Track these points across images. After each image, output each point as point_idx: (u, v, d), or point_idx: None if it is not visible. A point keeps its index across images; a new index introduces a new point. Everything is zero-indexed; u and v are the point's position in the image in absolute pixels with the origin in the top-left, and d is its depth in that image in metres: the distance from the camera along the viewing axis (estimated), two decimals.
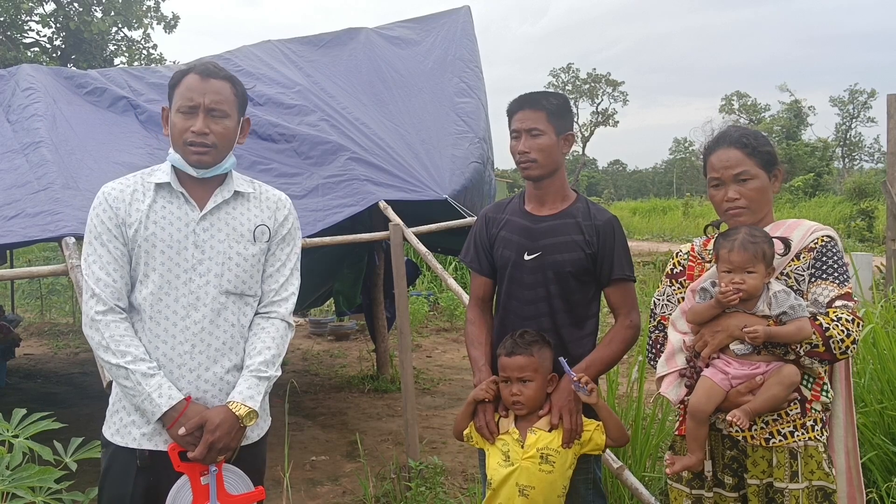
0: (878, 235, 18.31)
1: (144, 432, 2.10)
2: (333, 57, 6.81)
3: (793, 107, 47.84)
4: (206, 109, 2.13)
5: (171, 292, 2.13)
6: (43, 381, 7.96)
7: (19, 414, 2.38)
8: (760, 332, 2.07)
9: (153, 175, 2.22)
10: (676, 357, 2.30)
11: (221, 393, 2.17)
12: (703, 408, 2.17)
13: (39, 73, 5.88)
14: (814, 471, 2.13)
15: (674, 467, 2.26)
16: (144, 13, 21.03)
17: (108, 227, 2.12)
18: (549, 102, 2.55)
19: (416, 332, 10.04)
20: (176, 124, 2.14)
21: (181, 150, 2.15)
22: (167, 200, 2.18)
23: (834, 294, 2.11)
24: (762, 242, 2.12)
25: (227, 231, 2.21)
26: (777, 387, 2.09)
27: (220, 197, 2.22)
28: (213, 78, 2.15)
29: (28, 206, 4.24)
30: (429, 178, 5.40)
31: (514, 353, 2.41)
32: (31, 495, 2.25)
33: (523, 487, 2.34)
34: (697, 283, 2.27)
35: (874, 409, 3.56)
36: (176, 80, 2.18)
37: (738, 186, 2.22)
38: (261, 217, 2.28)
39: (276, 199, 2.35)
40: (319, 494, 4.52)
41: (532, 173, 2.56)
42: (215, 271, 2.17)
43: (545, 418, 2.40)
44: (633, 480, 3.13)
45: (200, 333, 2.14)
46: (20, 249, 12.66)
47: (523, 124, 2.54)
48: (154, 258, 2.12)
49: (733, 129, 2.31)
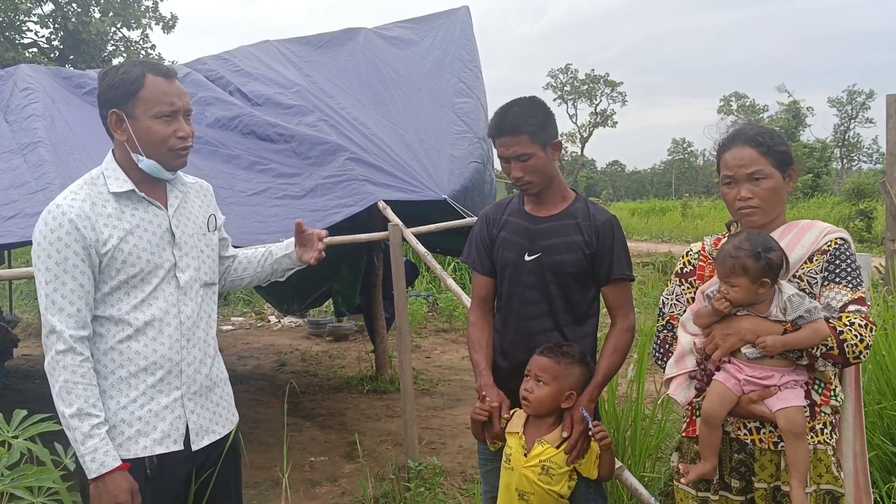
0: (877, 236, 18.31)
1: (154, 438, 2.09)
2: (332, 57, 6.81)
3: (791, 107, 47.93)
4: (185, 112, 2.13)
5: (159, 295, 2.12)
6: (41, 382, 7.94)
7: (20, 415, 2.37)
8: (770, 343, 2.04)
9: (100, 184, 2.10)
10: (686, 359, 2.27)
11: (212, 383, 2.23)
12: (717, 413, 2.14)
13: (37, 73, 5.88)
14: (822, 474, 2.11)
15: (689, 477, 2.21)
16: (143, 13, 21.03)
17: (73, 250, 1.99)
18: (528, 124, 2.46)
19: (415, 332, 10.03)
20: (156, 131, 2.06)
21: (162, 156, 2.10)
22: (132, 208, 2.11)
23: (847, 298, 2.08)
24: (745, 256, 2.06)
25: (191, 225, 2.24)
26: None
27: (180, 192, 2.24)
28: (174, 77, 2.13)
29: (26, 206, 4.24)
30: (428, 178, 5.39)
31: (544, 353, 2.43)
32: (29, 496, 2.25)
33: (522, 492, 2.37)
34: (707, 286, 2.24)
35: (873, 409, 3.55)
36: (135, 83, 2.05)
37: (751, 185, 2.17)
38: (205, 207, 2.34)
39: (207, 187, 2.41)
40: (318, 495, 4.51)
41: (531, 191, 2.57)
42: (193, 265, 2.21)
43: (555, 432, 2.41)
44: (632, 481, 3.12)
45: (192, 328, 2.17)
46: (18, 250, 12.65)
47: (509, 151, 2.50)
48: (138, 268, 2.09)
49: (748, 127, 2.26)
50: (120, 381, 2.09)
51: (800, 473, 2.05)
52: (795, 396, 2.08)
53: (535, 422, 2.45)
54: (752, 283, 2.07)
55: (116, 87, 2.07)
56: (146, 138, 2.07)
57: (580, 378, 2.44)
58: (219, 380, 2.28)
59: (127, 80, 2.06)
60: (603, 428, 2.38)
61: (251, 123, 5.66)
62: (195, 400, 2.17)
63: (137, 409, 2.08)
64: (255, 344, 9.93)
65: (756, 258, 2.05)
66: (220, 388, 2.29)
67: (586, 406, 2.42)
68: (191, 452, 2.15)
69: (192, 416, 2.16)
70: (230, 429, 2.30)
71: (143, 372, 2.09)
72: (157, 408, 2.10)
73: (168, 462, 2.11)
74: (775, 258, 2.07)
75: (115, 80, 2.08)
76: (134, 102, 2.06)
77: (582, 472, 2.41)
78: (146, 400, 2.09)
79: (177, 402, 2.13)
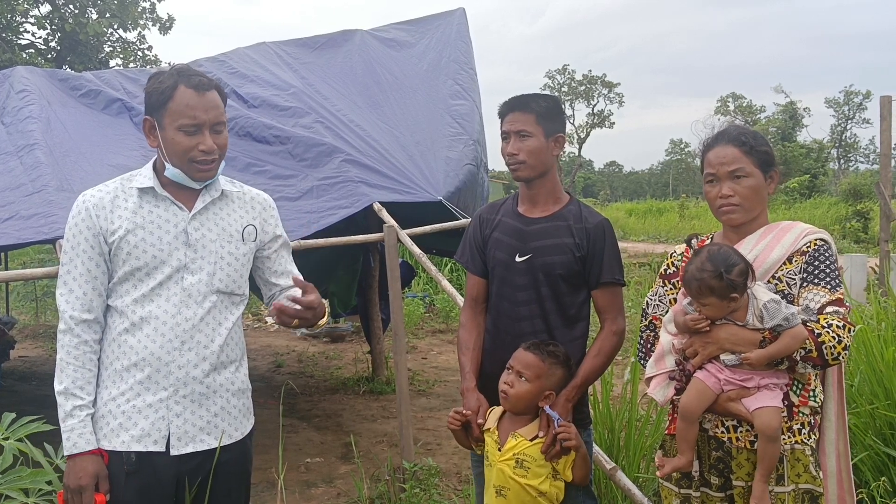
0: (874, 237, 18.35)
1: (133, 434, 2.10)
2: (328, 59, 6.83)
3: (788, 108, 47.95)
4: (212, 125, 2.14)
5: (161, 292, 2.13)
6: (38, 384, 7.94)
7: (9, 418, 2.39)
8: (754, 359, 2.07)
9: (134, 180, 2.20)
10: (666, 359, 2.30)
11: (209, 391, 2.18)
12: (694, 408, 2.18)
13: (34, 75, 5.89)
14: (800, 474, 2.14)
15: (664, 469, 2.28)
16: (140, 15, 21.02)
17: (84, 236, 2.11)
18: (539, 105, 2.56)
19: (412, 333, 10.04)
20: (179, 143, 2.11)
21: (185, 167, 2.14)
22: (153, 204, 2.17)
23: (825, 300, 2.10)
24: (709, 278, 2.08)
25: (217, 231, 2.23)
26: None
27: (209, 196, 2.23)
28: (207, 90, 2.13)
29: (22, 208, 4.25)
30: (423, 179, 5.41)
31: (530, 349, 2.43)
32: (23, 497, 2.26)
33: (499, 488, 2.37)
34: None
35: (865, 409, 3.57)
36: (165, 93, 2.10)
37: (732, 183, 2.21)
38: (247, 218, 2.31)
39: (261, 200, 2.38)
40: (314, 496, 4.52)
41: (521, 174, 2.57)
42: (207, 270, 2.19)
43: (530, 426, 2.41)
44: (626, 481, 3.14)
45: (191, 331, 2.15)
46: (15, 252, 12.65)
47: (512, 126, 2.55)
48: (143, 262, 2.12)
49: (732, 128, 2.30)
50: (115, 373, 2.13)
51: (765, 469, 2.10)
52: (773, 397, 2.11)
53: (511, 417, 2.46)
54: (720, 300, 2.11)
55: (151, 95, 2.14)
56: (170, 148, 2.13)
57: (561, 380, 2.44)
58: (223, 389, 2.22)
59: (159, 90, 2.11)
60: (569, 430, 2.33)
61: (247, 125, 5.68)
62: (183, 404, 2.14)
63: (123, 402, 2.11)
64: (251, 345, 9.93)
65: (719, 278, 2.08)
66: (225, 398, 2.22)
67: (563, 406, 2.42)
68: (171, 456, 2.12)
69: (176, 419, 2.13)
70: (228, 442, 2.22)
71: (134, 367, 2.11)
72: (141, 405, 2.11)
73: (149, 462, 2.10)
74: (737, 275, 2.09)
75: (152, 87, 2.14)
76: (163, 112, 2.12)
77: (559, 471, 2.40)
78: (132, 395, 2.11)
79: (162, 403, 2.12)
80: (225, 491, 2.23)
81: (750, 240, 2.24)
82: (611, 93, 64.79)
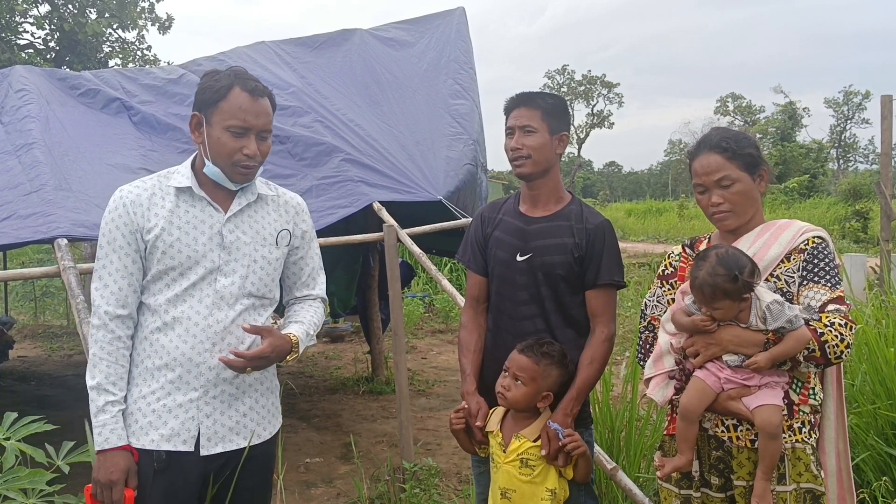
0: (873, 236, 18.37)
1: (163, 433, 2.10)
2: (328, 58, 6.81)
3: (787, 108, 47.99)
4: (260, 131, 2.14)
5: (194, 293, 2.13)
6: (37, 384, 7.94)
7: (10, 417, 2.37)
8: (761, 362, 2.06)
9: (171, 178, 2.20)
10: (664, 359, 2.30)
11: (239, 391, 2.19)
12: (694, 408, 2.17)
13: (33, 74, 5.87)
14: (802, 472, 2.13)
15: (664, 470, 2.26)
16: (139, 14, 20.99)
17: (122, 232, 2.11)
18: (545, 102, 2.56)
19: (411, 333, 10.04)
20: (225, 143, 2.10)
21: (226, 168, 2.14)
22: (189, 204, 2.17)
23: (826, 298, 2.10)
24: (723, 282, 2.07)
25: (252, 234, 2.23)
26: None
27: (245, 199, 2.23)
28: (261, 97, 2.13)
29: (20, 207, 4.23)
30: (423, 179, 5.40)
31: (524, 351, 2.42)
32: (22, 497, 2.25)
33: (505, 490, 2.36)
34: (687, 286, 2.25)
35: (867, 409, 3.57)
36: (219, 92, 2.10)
37: (721, 191, 2.22)
38: (281, 221, 2.31)
39: (295, 203, 2.39)
40: (313, 496, 4.51)
41: (523, 170, 2.56)
42: (240, 273, 2.19)
43: (533, 426, 2.40)
44: (626, 481, 3.13)
45: (222, 332, 2.15)
46: (13, 251, 12.63)
47: (518, 121, 2.55)
48: (177, 262, 2.12)
49: (714, 133, 2.30)
50: (145, 371, 2.13)
51: (767, 467, 2.09)
52: (773, 395, 2.10)
53: (513, 416, 2.45)
54: (734, 302, 2.10)
55: (204, 92, 2.13)
56: (214, 147, 2.13)
57: (557, 379, 2.42)
58: (251, 389, 2.23)
59: (214, 88, 2.11)
60: (576, 439, 2.33)
61: None
62: (213, 405, 2.15)
63: (154, 401, 2.11)
64: None
65: (734, 281, 2.07)
66: (253, 398, 2.24)
67: (562, 421, 2.39)
68: (200, 456, 2.13)
69: (206, 420, 2.14)
70: (258, 441, 2.24)
71: (165, 367, 2.12)
72: (172, 404, 2.11)
73: (177, 461, 2.10)
74: (748, 276, 2.08)
75: (206, 84, 2.14)
76: (214, 110, 2.11)
77: (562, 470, 2.39)
78: (163, 394, 2.12)
79: (192, 403, 2.13)
80: (249, 487, 2.25)
81: (747, 238, 2.24)
82: (610, 93, 64.82)
